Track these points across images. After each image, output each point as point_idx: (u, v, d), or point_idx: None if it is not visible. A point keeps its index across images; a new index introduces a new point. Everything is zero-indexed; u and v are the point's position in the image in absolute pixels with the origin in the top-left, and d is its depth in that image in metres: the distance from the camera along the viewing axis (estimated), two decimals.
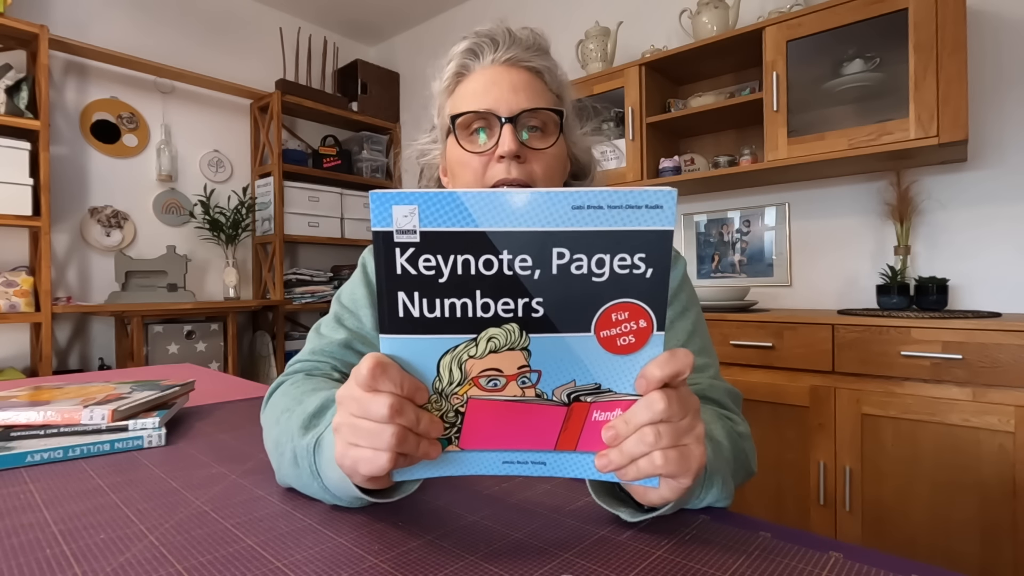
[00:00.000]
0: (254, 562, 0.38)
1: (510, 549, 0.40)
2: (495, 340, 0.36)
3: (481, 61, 0.66)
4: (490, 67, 0.65)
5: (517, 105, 0.63)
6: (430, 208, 0.34)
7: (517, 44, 0.66)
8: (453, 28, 3.36)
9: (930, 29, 1.56)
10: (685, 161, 2.15)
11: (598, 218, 0.34)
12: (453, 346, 0.37)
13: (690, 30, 2.21)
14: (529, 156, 0.63)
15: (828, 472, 1.54)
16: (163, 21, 2.90)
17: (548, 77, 0.67)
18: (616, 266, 0.35)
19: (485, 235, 0.35)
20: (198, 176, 3.03)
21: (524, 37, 0.67)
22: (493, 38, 0.66)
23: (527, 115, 0.63)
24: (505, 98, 0.63)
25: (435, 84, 0.71)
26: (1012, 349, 1.31)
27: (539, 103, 0.64)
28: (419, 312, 0.36)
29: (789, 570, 0.37)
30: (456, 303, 0.36)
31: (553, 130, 0.66)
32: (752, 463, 0.59)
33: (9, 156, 2.20)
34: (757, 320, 1.68)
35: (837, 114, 1.94)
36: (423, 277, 0.35)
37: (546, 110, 0.64)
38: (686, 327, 0.67)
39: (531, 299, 0.36)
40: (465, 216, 0.34)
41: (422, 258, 0.35)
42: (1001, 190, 1.73)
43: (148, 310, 2.45)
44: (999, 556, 1.32)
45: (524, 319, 0.36)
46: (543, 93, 0.66)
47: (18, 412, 0.65)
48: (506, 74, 0.64)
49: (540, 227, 0.34)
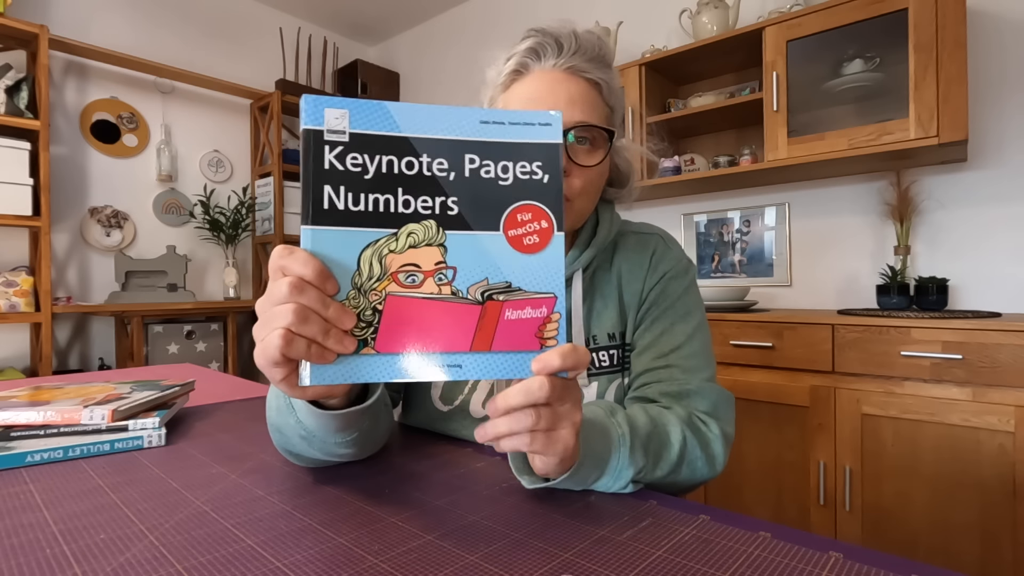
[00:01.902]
0: (254, 562, 0.38)
1: (510, 549, 0.40)
2: (414, 235, 0.39)
3: (542, 63, 0.64)
4: (550, 71, 0.64)
5: (572, 117, 0.62)
6: (360, 113, 0.39)
7: (581, 53, 0.64)
8: (453, 28, 3.36)
9: (930, 29, 1.56)
10: (685, 161, 2.15)
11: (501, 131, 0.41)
12: (374, 239, 0.39)
13: (690, 30, 2.21)
14: (573, 171, 0.63)
15: (828, 472, 1.54)
16: (163, 21, 2.90)
17: (605, 90, 0.66)
18: (518, 172, 0.41)
19: (408, 140, 0.40)
20: (198, 176, 3.03)
21: (589, 45, 0.65)
22: (558, 40, 0.64)
23: (580, 128, 0.62)
24: (561, 108, 0.62)
25: (490, 72, 0.70)
26: (1012, 349, 1.31)
27: (593, 118, 0.63)
28: (344, 205, 0.38)
29: (789, 570, 0.37)
30: (379, 198, 0.39)
31: (602, 146, 0.64)
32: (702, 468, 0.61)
33: (9, 156, 2.20)
34: (757, 320, 1.68)
35: (837, 114, 1.94)
36: (350, 173, 0.38)
37: (599, 128, 0.63)
38: (686, 330, 0.69)
39: (447, 198, 0.40)
40: (391, 123, 0.39)
41: (350, 156, 0.38)
42: (1001, 190, 1.73)
43: (148, 310, 2.45)
44: (999, 556, 1.32)
45: (441, 216, 0.40)
46: (598, 107, 0.65)
47: (18, 412, 0.65)
48: (565, 83, 0.63)
49: (454, 136, 0.40)
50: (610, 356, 0.70)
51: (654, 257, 0.72)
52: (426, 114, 0.40)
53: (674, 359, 0.67)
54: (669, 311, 0.70)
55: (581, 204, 0.65)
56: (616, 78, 0.69)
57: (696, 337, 0.69)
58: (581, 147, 0.63)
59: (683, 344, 0.68)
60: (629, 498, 0.50)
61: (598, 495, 0.51)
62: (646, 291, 0.71)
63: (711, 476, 0.63)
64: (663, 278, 0.71)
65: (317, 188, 0.38)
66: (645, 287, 0.71)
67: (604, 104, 0.67)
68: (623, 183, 0.75)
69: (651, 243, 0.74)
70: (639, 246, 0.73)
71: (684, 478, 0.60)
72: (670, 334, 0.68)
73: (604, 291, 0.72)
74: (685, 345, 0.68)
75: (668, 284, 0.71)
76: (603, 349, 0.70)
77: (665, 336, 0.68)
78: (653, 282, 0.71)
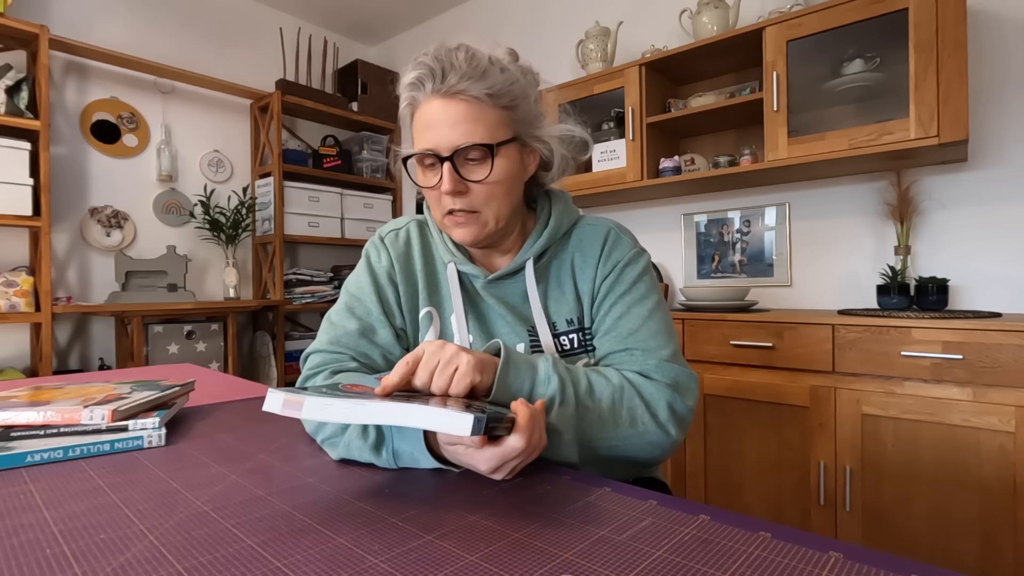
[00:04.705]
0: (254, 562, 0.38)
1: (510, 549, 0.40)
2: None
3: (424, 91, 0.68)
4: (433, 98, 0.68)
5: (454, 141, 0.67)
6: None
7: (454, 72, 0.66)
8: (454, 28, 3.36)
9: (930, 29, 1.56)
10: (685, 161, 2.15)
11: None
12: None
13: (690, 30, 2.21)
14: (470, 188, 0.69)
15: (828, 472, 1.54)
16: (163, 21, 2.90)
17: (490, 100, 0.67)
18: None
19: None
20: (198, 176, 3.02)
21: (459, 64, 0.66)
22: (431, 68, 0.67)
23: (463, 150, 0.67)
24: (445, 135, 0.67)
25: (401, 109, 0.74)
26: (1012, 349, 1.31)
27: (475, 135, 0.67)
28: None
29: (789, 570, 0.37)
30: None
31: (487, 161, 0.68)
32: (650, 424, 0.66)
33: (9, 156, 2.20)
34: (757, 320, 1.68)
35: (837, 114, 1.94)
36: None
37: (478, 146, 0.67)
38: (642, 312, 0.73)
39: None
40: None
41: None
42: (1001, 190, 1.73)
43: (148, 310, 2.45)
44: (999, 556, 1.32)
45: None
46: (481, 120, 0.67)
47: (18, 412, 0.65)
48: (443, 108, 0.67)
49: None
50: (571, 340, 0.76)
51: (606, 246, 0.77)
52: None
53: (632, 342, 0.72)
54: (625, 296, 0.74)
55: (489, 212, 0.71)
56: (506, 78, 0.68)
57: (653, 318, 0.73)
58: (471, 163, 0.68)
59: (640, 327, 0.72)
60: (629, 498, 0.50)
61: (598, 495, 0.51)
62: (599, 279, 0.76)
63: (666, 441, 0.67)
64: (616, 265, 0.76)
65: None
66: (599, 275, 0.76)
67: (493, 110, 0.68)
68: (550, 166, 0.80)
69: (603, 233, 0.78)
70: (592, 236, 0.78)
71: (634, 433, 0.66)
72: (628, 317, 0.73)
73: (560, 279, 0.78)
74: (642, 327, 0.72)
75: (622, 271, 0.76)
76: (563, 334, 0.76)
77: (623, 320, 0.73)
78: (607, 271, 0.76)
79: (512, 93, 0.69)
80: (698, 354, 1.80)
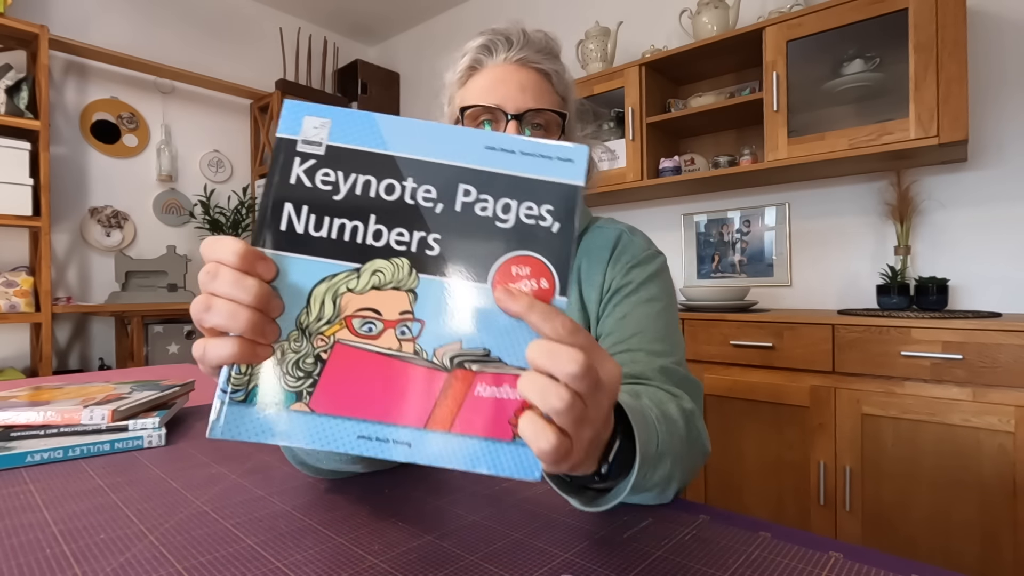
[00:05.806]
0: (254, 562, 0.38)
1: (510, 549, 0.40)
2: (380, 274, 0.33)
3: (494, 58, 0.69)
4: (501, 65, 0.68)
5: (524, 104, 0.66)
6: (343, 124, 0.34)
7: (530, 45, 0.69)
8: (453, 28, 3.36)
9: (930, 29, 1.56)
10: (685, 161, 2.15)
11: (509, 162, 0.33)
12: (332, 273, 0.33)
13: (690, 30, 2.21)
14: None
15: (828, 472, 1.54)
16: (163, 21, 2.90)
17: (556, 80, 0.70)
18: (523, 214, 0.33)
19: (393, 159, 0.34)
20: (198, 176, 3.03)
21: (537, 39, 0.70)
22: (508, 37, 0.69)
23: (532, 114, 0.67)
24: (512, 96, 0.66)
25: (448, 75, 0.74)
26: (1012, 349, 1.31)
27: (544, 104, 0.67)
28: (304, 228, 0.33)
29: (789, 570, 0.37)
30: (346, 224, 0.33)
31: (555, 131, 0.69)
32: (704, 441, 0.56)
33: (9, 156, 2.20)
34: (757, 320, 1.68)
35: (837, 114, 1.94)
36: (317, 191, 0.33)
37: (550, 111, 0.67)
38: (648, 313, 0.67)
39: (428, 234, 0.33)
40: (377, 138, 0.34)
41: (321, 171, 0.34)
42: (1001, 190, 1.73)
43: (148, 310, 2.45)
44: (999, 556, 1.32)
45: (417, 255, 0.33)
46: (549, 94, 0.69)
47: (18, 412, 0.65)
48: (515, 73, 0.68)
49: (450, 160, 0.33)
50: None
51: (616, 248, 0.72)
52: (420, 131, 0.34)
53: (635, 343, 0.64)
54: (631, 296, 0.68)
55: None
56: (567, 71, 0.73)
57: (659, 321, 0.67)
58: (536, 133, 0.68)
59: (644, 329, 0.65)
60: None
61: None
62: (608, 281, 0.70)
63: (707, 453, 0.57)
64: (625, 266, 0.70)
65: (277, 206, 0.33)
66: (607, 278, 0.70)
67: (555, 93, 0.70)
68: None
69: (613, 238, 0.73)
70: (601, 241, 0.73)
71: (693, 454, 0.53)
72: (631, 319, 0.66)
73: None
74: (647, 330, 0.65)
75: (631, 271, 0.70)
76: None
77: (627, 321, 0.66)
78: (615, 272, 0.70)
79: (566, 85, 0.72)
80: (698, 354, 1.80)
